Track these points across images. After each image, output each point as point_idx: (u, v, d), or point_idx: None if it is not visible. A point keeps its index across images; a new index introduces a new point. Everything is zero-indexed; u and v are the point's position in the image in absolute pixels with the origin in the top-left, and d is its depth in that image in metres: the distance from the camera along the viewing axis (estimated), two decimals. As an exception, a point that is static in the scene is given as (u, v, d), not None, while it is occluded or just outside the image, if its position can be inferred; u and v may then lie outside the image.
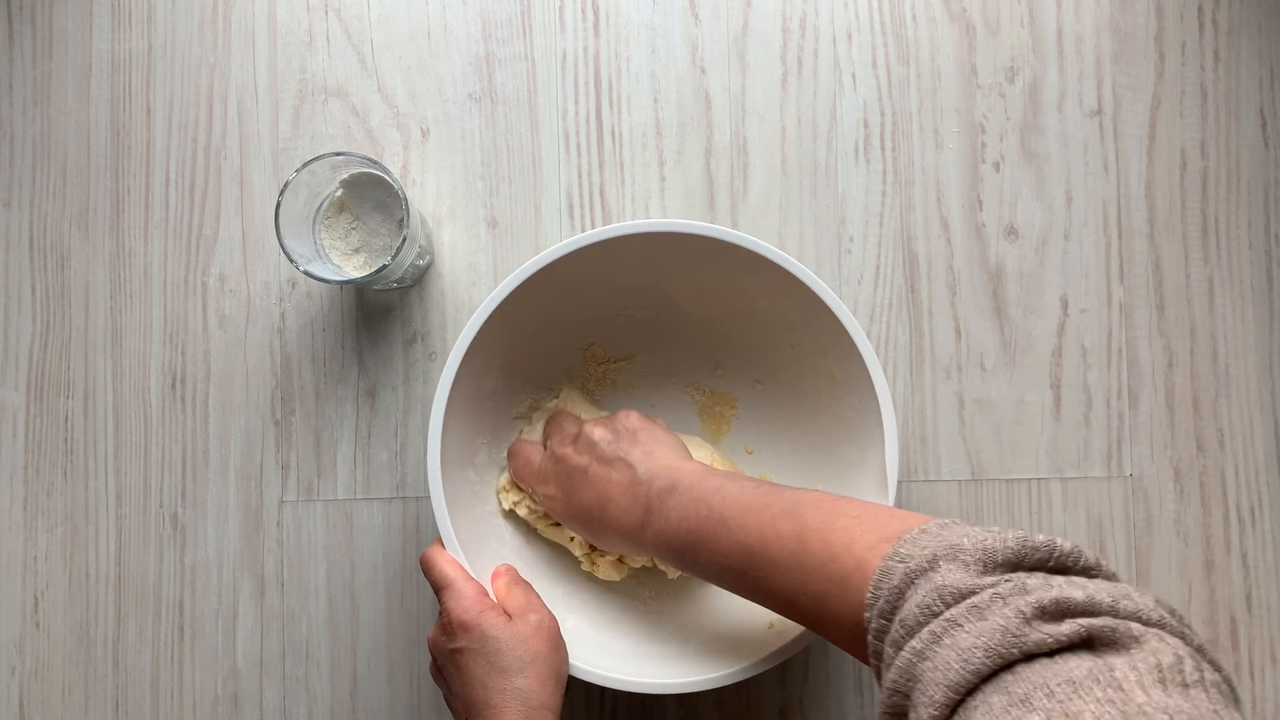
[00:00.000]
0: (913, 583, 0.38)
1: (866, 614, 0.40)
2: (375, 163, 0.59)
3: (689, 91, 0.67)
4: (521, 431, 0.64)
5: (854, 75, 0.67)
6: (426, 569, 0.55)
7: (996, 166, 0.66)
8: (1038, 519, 0.65)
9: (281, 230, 0.57)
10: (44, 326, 0.67)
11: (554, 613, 0.55)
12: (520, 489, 0.62)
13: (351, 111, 0.67)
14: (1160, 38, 0.67)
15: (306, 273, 0.57)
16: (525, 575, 0.58)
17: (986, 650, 0.33)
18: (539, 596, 0.56)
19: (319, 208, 0.62)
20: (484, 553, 0.59)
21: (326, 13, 0.67)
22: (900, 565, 0.39)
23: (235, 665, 0.65)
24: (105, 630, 0.66)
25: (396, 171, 0.66)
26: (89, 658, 0.66)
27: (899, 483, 0.56)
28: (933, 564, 0.38)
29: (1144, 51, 0.67)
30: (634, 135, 0.67)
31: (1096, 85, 0.67)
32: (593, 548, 0.60)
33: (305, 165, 0.57)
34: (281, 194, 0.57)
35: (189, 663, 0.65)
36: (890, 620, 0.38)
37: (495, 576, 0.57)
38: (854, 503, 0.46)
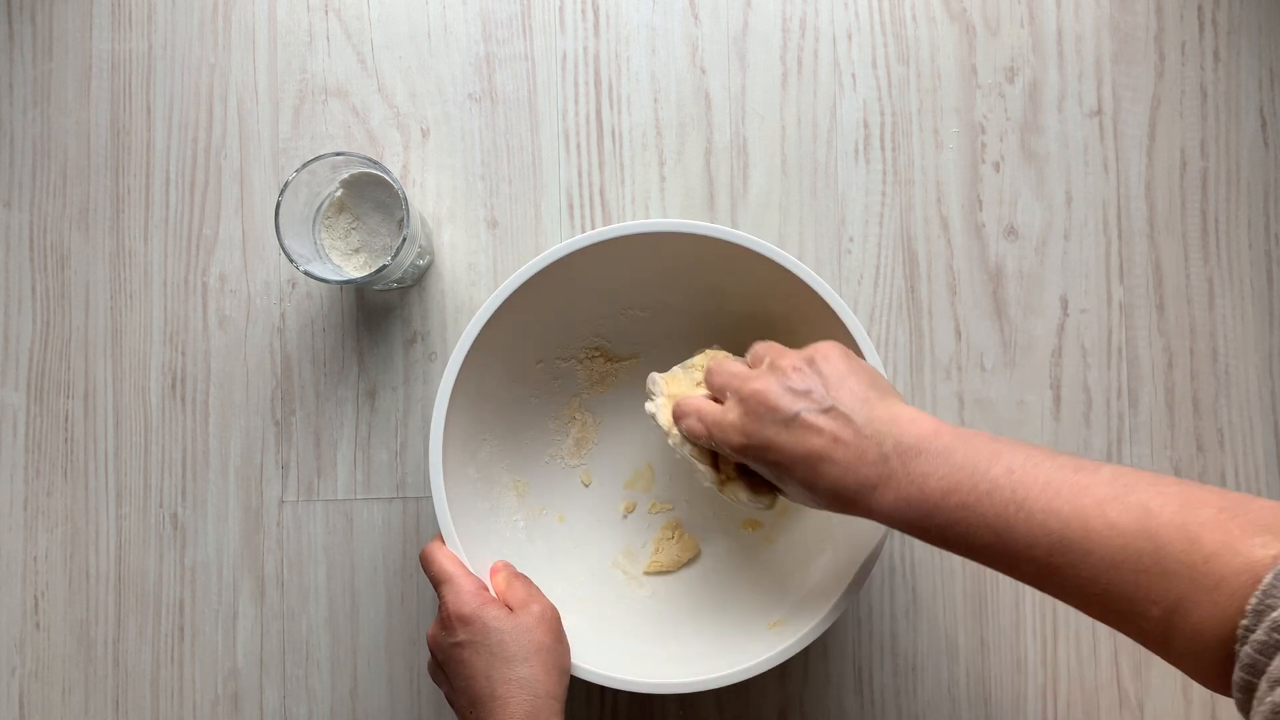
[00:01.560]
0: None
1: (1243, 623, 0.33)
2: (375, 163, 0.59)
3: (689, 91, 0.67)
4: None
5: (854, 75, 0.67)
6: (425, 564, 0.55)
7: (996, 166, 0.66)
8: (1038, 519, 0.65)
9: (281, 230, 0.57)
10: (44, 326, 0.67)
11: (553, 611, 0.55)
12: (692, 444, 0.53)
13: (351, 111, 0.67)
14: (1160, 38, 0.67)
15: (306, 273, 0.57)
16: (525, 572, 0.58)
17: None
18: (539, 588, 0.56)
19: (319, 208, 0.62)
20: (485, 551, 0.58)
21: (326, 13, 0.67)
22: None
23: (235, 665, 0.65)
24: (105, 630, 0.66)
25: (396, 171, 0.66)
26: (89, 658, 0.66)
27: (899, 483, 0.56)
28: None
29: (1144, 51, 0.67)
30: (634, 135, 0.67)
31: (1096, 85, 0.67)
32: (730, 473, 0.53)
33: (305, 165, 0.57)
34: (281, 194, 0.57)
35: (189, 663, 0.65)
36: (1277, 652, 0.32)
37: (494, 572, 0.57)
38: (1209, 489, 0.38)
